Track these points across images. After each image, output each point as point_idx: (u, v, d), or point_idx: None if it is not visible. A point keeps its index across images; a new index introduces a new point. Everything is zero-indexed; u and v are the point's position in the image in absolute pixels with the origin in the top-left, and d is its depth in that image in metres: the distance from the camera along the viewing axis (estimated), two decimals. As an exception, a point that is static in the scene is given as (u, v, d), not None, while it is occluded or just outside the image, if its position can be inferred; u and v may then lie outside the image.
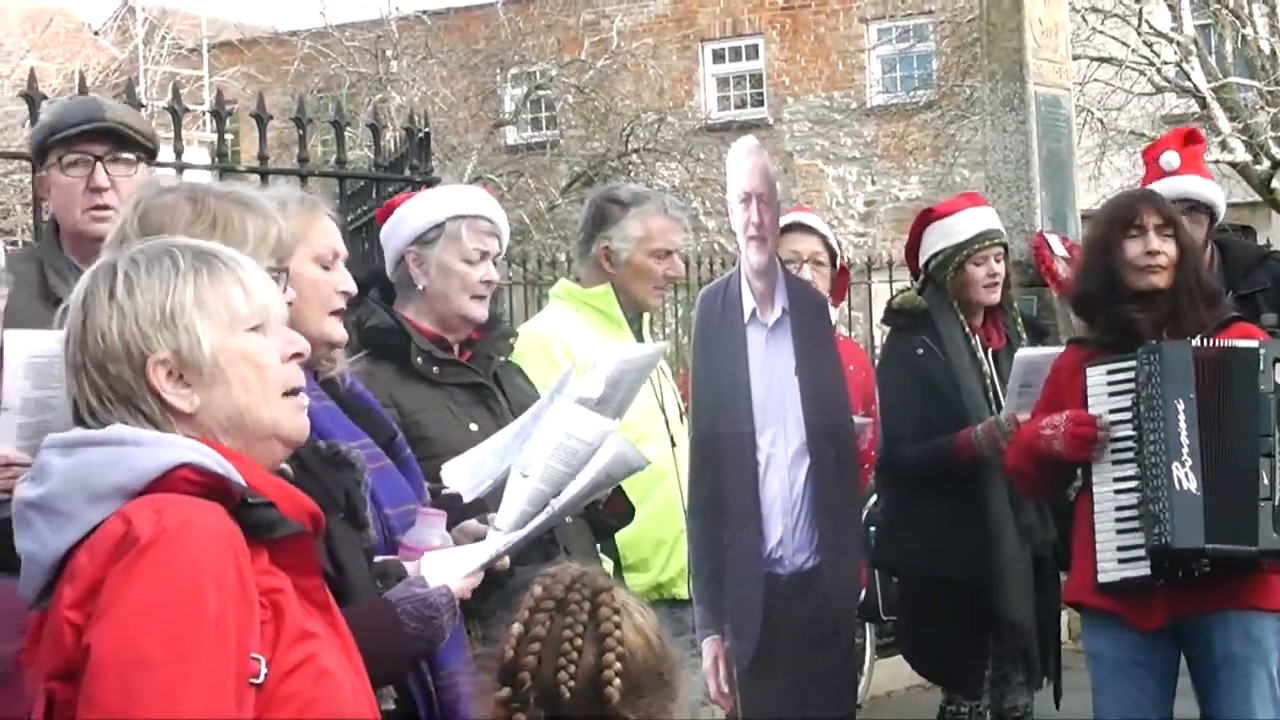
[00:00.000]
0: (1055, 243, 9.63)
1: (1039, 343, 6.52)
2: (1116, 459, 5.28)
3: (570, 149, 29.41)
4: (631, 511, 4.68)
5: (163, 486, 2.44)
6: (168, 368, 2.54)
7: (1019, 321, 6.52)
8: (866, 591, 7.10)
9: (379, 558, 3.44)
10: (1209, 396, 5.19)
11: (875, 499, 7.33)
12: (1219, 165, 18.75)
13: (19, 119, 20.91)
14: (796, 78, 30.16)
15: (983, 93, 11.46)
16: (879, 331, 8.53)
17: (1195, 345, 5.24)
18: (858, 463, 5.88)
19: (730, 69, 30.91)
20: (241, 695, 2.38)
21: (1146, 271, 5.33)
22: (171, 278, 2.56)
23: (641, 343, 5.48)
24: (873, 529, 7.12)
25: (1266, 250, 7.05)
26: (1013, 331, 6.46)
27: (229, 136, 7.89)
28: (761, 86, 30.56)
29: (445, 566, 3.36)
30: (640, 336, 5.63)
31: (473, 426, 4.38)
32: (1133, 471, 5.25)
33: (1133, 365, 5.26)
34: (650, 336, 5.82)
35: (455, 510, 3.74)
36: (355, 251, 5.66)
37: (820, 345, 5.34)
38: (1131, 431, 5.26)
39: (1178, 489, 5.12)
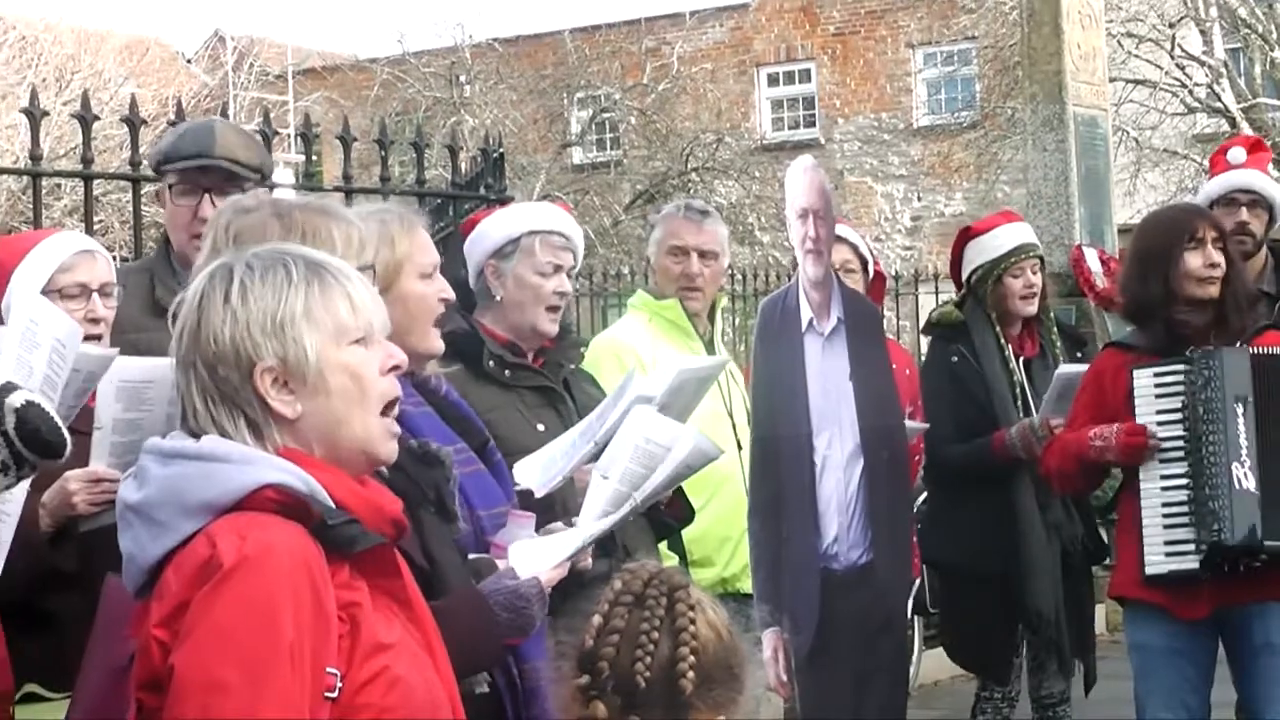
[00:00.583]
0: (1092, 256, 9.57)
1: (1077, 349, 6.52)
2: (1164, 458, 5.26)
3: (633, 168, 29.49)
4: (691, 514, 4.65)
5: (249, 504, 2.44)
6: (274, 375, 2.52)
7: (1054, 331, 6.48)
8: (916, 586, 7.08)
9: (471, 555, 3.44)
10: (1266, 400, 5.19)
11: (924, 497, 7.30)
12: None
13: (117, 141, 21.10)
14: (847, 100, 30.15)
15: (1024, 113, 11.45)
16: (924, 340, 8.52)
17: (1253, 352, 5.25)
18: (909, 463, 5.86)
19: (784, 92, 30.93)
20: (317, 708, 2.39)
21: (1206, 282, 5.32)
22: (284, 288, 2.54)
23: (711, 354, 5.47)
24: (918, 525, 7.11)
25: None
26: (1048, 341, 6.42)
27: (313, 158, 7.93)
28: (814, 108, 30.58)
29: (534, 558, 3.35)
30: (711, 348, 5.62)
31: (540, 427, 4.35)
32: (1182, 470, 5.23)
33: (1181, 368, 5.25)
34: (721, 348, 5.79)
35: (530, 509, 3.73)
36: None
37: (873, 353, 5.30)
38: (1182, 432, 5.24)
39: (1237, 488, 5.12)
